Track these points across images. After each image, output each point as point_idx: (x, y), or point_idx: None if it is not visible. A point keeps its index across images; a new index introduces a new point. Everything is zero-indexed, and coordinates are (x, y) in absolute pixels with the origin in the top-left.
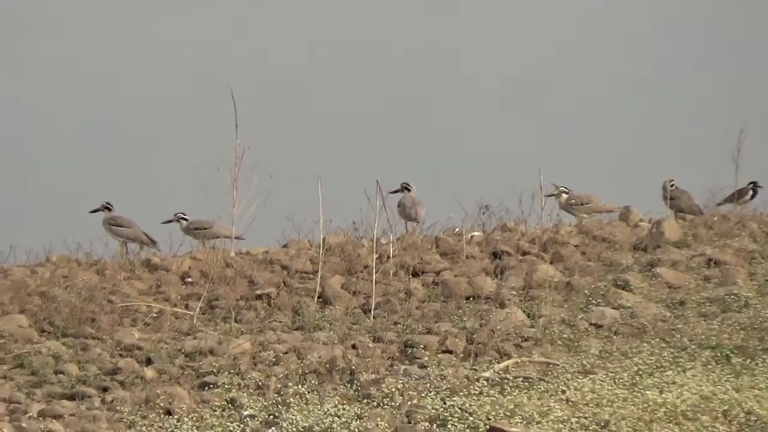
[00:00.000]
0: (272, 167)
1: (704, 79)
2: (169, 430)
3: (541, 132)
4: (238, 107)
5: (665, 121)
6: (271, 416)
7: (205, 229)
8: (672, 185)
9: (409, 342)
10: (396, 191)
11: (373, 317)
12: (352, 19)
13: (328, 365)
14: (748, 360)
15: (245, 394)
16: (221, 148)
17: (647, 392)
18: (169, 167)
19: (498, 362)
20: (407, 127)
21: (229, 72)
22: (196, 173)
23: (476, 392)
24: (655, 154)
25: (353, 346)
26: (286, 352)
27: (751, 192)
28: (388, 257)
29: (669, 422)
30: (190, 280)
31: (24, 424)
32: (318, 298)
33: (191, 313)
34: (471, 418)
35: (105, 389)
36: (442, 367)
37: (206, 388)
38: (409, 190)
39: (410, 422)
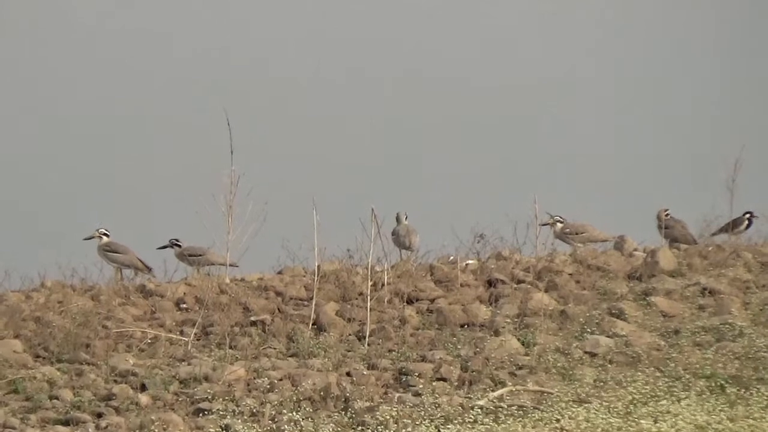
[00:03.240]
0: (267, 194)
1: (700, 110)
2: None
3: (537, 162)
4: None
5: (660, 151)
6: None
7: (199, 255)
8: (666, 215)
9: (404, 369)
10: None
11: (368, 344)
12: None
13: (322, 392)
14: (743, 390)
15: (240, 420)
16: (217, 174)
17: (642, 421)
18: (164, 193)
19: (492, 390)
20: (403, 156)
21: (227, 85)
22: (191, 199)
23: (471, 420)
24: (649, 184)
25: (348, 374)
26: (280, 379)
27: (746, 222)
28: (383, 285)
29: None
30: (184, 306)
31: None
32: (312, 325)
33: (186, 339)
34: None
35: (99, 415)
36: (437, 395)
37: (201, 414)
38: (403, 219)
39: None
